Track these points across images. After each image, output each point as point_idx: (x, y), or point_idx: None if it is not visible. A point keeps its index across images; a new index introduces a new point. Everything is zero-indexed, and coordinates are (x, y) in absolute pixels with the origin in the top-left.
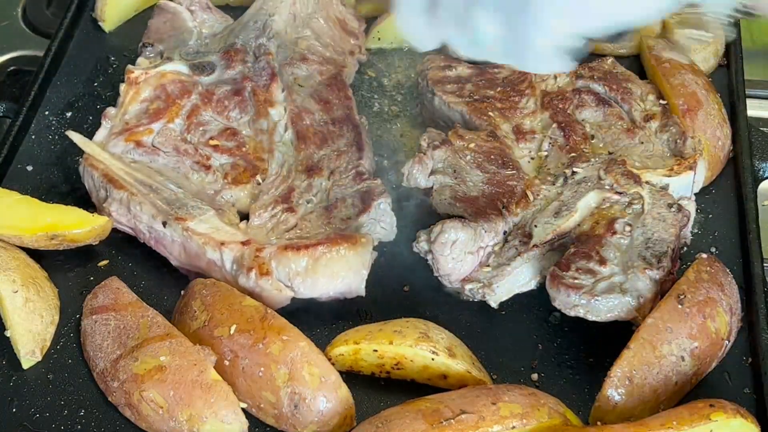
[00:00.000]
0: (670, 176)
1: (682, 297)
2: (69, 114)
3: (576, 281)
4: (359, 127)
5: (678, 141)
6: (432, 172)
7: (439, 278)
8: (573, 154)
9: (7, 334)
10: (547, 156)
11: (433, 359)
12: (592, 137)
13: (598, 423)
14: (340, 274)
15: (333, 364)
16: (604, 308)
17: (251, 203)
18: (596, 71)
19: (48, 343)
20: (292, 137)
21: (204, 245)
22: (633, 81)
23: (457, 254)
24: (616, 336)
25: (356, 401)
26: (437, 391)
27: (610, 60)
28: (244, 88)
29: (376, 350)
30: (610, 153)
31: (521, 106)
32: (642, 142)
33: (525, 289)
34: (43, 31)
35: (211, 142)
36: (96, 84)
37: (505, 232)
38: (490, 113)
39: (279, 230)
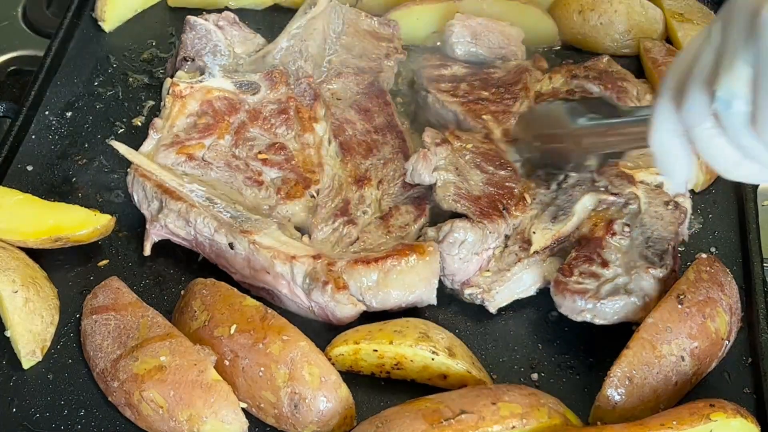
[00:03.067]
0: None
1: (681, 297)
2: (69, 114)
3: (580, 286)
4: (402, 132)
5: None
6: (435, 169)
7: (442, 277)
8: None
9: (7, 334)
10: None
11: (433, 359)
12: None
13: (598, 423)
14: (412, 285)
15: (333, 364)
16: (610, 311)
17: (308, 217)
18: (591, 70)
19: (48, 343)
20: (337, 150)
21: (273, 259)
22: (628, 80)
23: (465, 254)
24: (616, 336)
25: (356, 401)
26: (437, 391)
27: (605, 59)
28: (290, 107)
29: (376, 350)
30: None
31: (514, 110)
32: None
33: (525, 295)
34: (43, 31)
35: (260, 156)
36: (96, 84)
37: (506, 236)
38: (484, 116)
39: (343, 243)
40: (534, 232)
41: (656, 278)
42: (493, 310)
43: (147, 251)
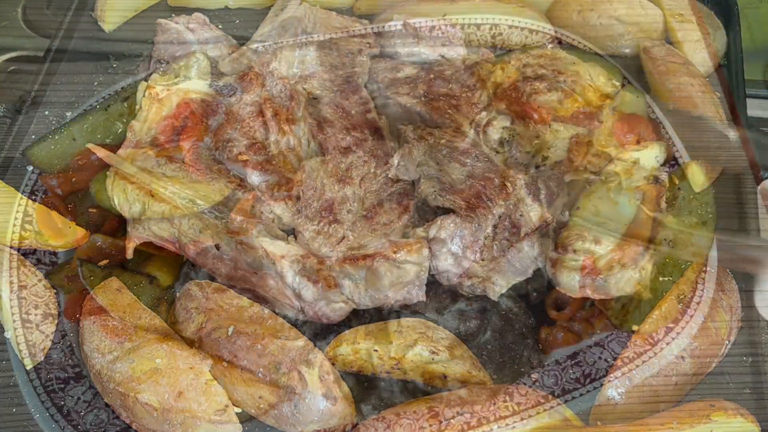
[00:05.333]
0: (639, 150)
1: (682, 297)
2: (69, 114)
3: (577, 262)
4: (381, 129)
5: None
6: (417, 164)
7: (437, 276)
8: (537, 141)
9: (7, 335)
10: (510, 147)
11: (433, 359)
12: (551, 122)
13: (599, 423)
14: (400, 282)
15: (333, 364)
16: (609, 285)
17: (292, 218)
18: (541, 57)
19: (49, 344)
20: (316, 149)
21: (261, 259)
22: (579, 64)
23: (456, 250)
24: (616, 336)
25: (356, 401)
26: (437, 391)
27: (550, 47)
28: (266, 108)
29: (376, 350)
30: (572, 136)
31: (475, 101)
32: (601, 122)
33: (522, 278)
34: (43, 31)
35: (241, 158)
36: (96, 84)
37: (494, 225)
38: (449, 111)
39: (330, 242)
40: (521, 215)
41: (647, 250)
42: (494, 297)
43: (129, 254)
